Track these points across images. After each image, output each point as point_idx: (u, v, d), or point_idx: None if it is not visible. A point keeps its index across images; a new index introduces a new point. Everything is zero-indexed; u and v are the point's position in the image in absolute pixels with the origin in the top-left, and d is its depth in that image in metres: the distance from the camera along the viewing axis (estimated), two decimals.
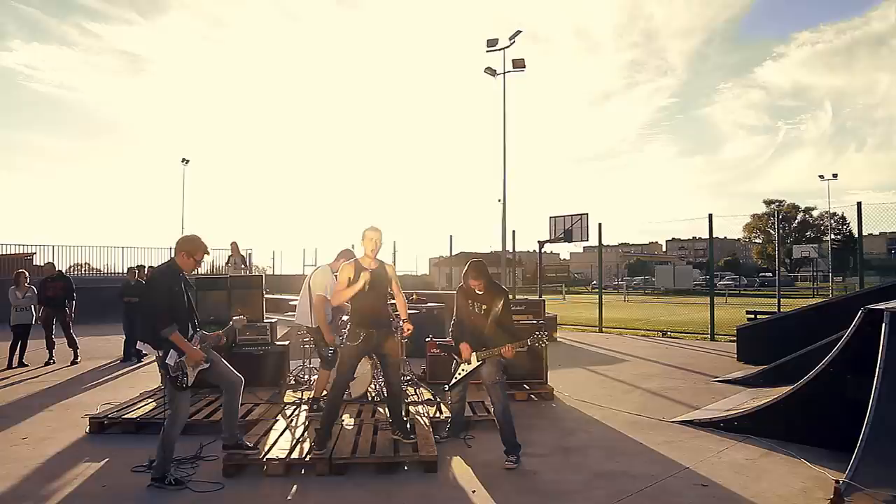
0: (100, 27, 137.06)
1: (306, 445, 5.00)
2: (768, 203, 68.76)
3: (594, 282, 58.65)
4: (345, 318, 6.32)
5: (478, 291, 5.20)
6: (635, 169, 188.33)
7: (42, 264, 22.04)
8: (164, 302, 4.32)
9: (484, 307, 5.18)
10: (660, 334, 15.05)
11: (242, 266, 15.08)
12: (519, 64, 21.93)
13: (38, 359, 10.26)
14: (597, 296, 16.86)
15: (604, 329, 15.90)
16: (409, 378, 7.58)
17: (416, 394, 7.03)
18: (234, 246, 14.00)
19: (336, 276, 6.05)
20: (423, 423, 5.74)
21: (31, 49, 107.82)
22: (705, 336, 14.15)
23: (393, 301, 5.37)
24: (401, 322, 5.33)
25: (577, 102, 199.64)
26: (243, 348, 7.54)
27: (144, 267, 12.47)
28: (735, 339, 11.22)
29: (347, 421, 5.82)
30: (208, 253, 4.65)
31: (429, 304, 11.01)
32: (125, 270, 12.88)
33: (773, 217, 64.20)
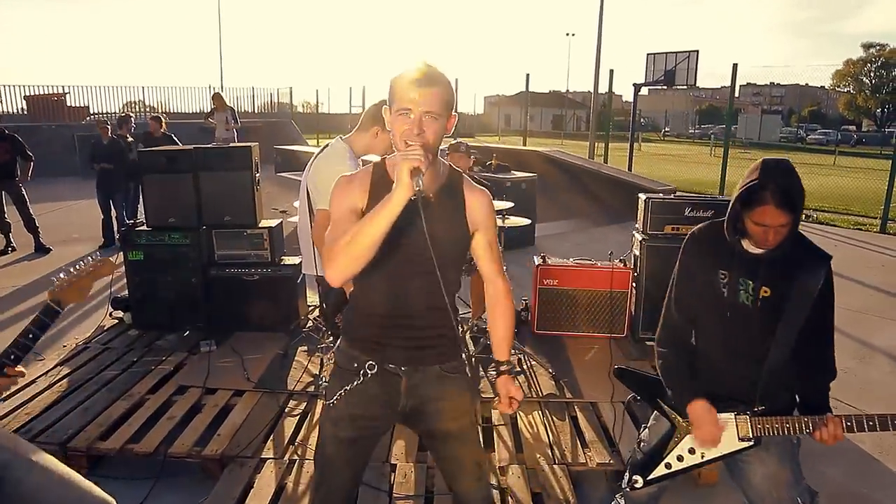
0: None
1: None
2: (867, 47, 59.06)
3: (666, 129, 53.01)
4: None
5: (752, 250, 1.87)
6: (702, 6, 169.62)
7: (76, 105, 19.72)
8: None
9: (765, 291, 1.87)
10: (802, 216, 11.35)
11: (231, 128, 10.57)
12: None
13: None
14: (672, 145, 12.96)
15: None
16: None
17: (528, 375, 3.96)
18: (218, 97, 10.33)
19: (362, 164, 2.74)
20: (562, 489, 2.73)
21: None
22: (866, 222, 10.28)
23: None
24: (493, 371, 1.90)
25: None
26: (226, 271, 4.53)
27: (131, 118, 9.17)
28: None
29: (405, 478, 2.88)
30: None
31: (516, 175, 7.51)
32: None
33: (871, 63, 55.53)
